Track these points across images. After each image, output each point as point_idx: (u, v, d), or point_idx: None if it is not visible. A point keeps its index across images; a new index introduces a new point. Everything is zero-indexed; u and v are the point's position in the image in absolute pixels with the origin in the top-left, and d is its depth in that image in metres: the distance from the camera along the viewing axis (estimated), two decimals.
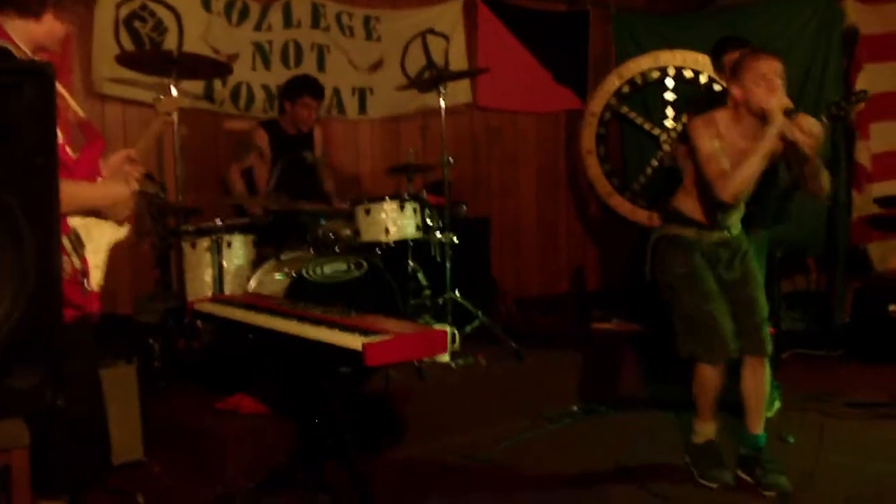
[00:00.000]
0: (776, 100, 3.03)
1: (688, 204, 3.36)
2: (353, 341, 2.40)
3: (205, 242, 4.12)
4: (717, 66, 4.03)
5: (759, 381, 3.31)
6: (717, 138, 3.15)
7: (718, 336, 3.23)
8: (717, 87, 5.09)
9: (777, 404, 4.05)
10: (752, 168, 3.06)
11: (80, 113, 2.49)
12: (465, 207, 4.96)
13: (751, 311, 3.28)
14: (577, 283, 6.64)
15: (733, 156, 3.12)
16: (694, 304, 3.28)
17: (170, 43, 4.87)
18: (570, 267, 6.68)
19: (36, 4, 2.28)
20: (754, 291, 3.32)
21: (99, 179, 2.46)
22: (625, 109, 6.09)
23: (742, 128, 3.18)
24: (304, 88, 4.83)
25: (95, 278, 2.41)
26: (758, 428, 3.34)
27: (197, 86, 4.96)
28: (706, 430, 3.42)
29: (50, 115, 1.48)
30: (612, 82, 6.08)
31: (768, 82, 3.07)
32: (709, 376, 3.30)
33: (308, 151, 4.74)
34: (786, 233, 4.10)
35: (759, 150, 3.05)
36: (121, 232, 2.51)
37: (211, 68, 4.65)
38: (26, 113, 1.44)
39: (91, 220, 2.41)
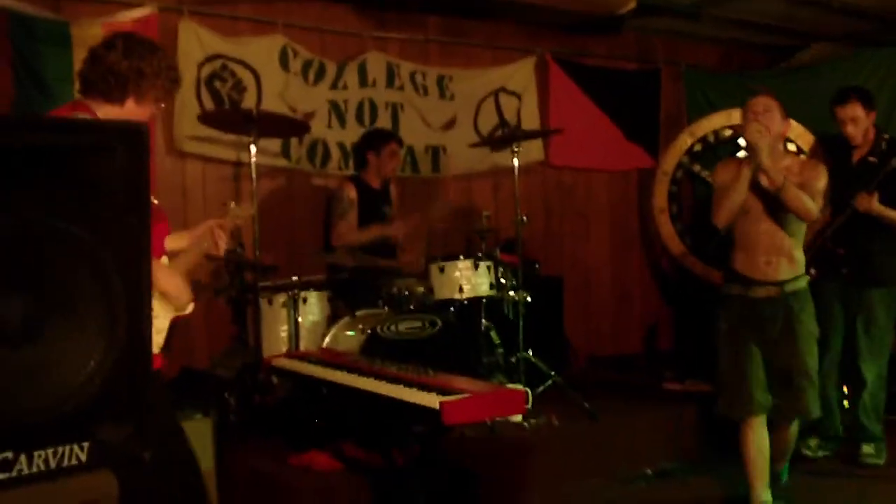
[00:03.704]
0: (751, 127, 3.21)
1: (736, 259, 3.41)
2: (431, 400, 2.38)
3: (281, 298, 4.17)
4: (832, 116, 4.10)
5: (785, 437, 3.33)
6: (731, 177, 3.31)
7: (742, 392, 3.25)
8: (790, 147, 5.00)
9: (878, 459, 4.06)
10: (733, 195, 3.26)
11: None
12: (538, 266, 4.96)
13: (787, 376, 3.27)
14: (650, 342, 6.51)
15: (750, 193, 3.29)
16: (727, 361, 3.35)
17: (249, 102, 4.98)
18: (643, 325, 6.57)
19: (118, 92, 2.37)
20: (796, 355, 3.29)
21: (163, 259, 2.53)
22: (697, 168, 6.01)
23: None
24: (389, 136, 4.92)
25: (157, 342, 2.43)
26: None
27: (274, 143, 5.04)
28: (757, 494, 3.36)
29: (144, 175, 1.49)
30: (684, 140, 6.03)
31: (752, 115, 3.28)
32: (743, 434, 3.32)
33: (389, 206, 4.82)
34: None
35: (740, 176, 3.23)
36: (183, 310, 2.54)
37: (288, 126, 4.74)
38: (120, 172, 1.45)
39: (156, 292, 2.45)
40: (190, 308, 2.56)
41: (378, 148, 4.85)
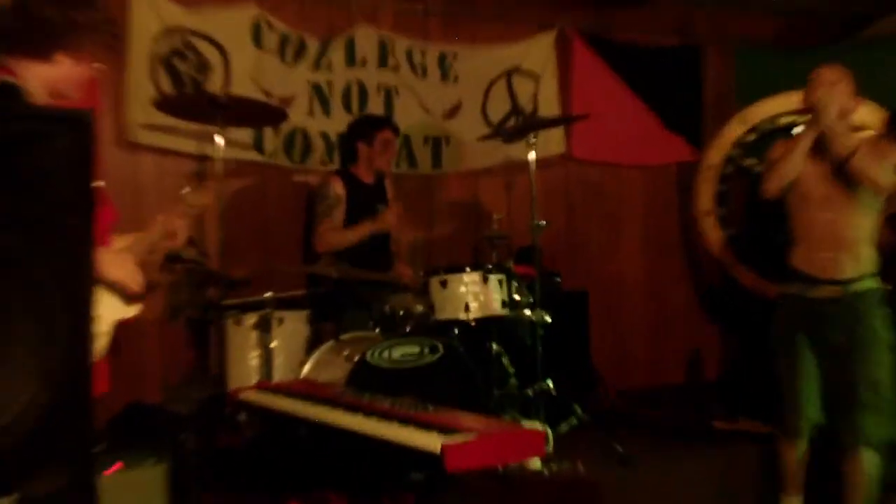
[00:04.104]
0: (819, 91, 3.40)
1: (795, 254, 3.51)
2: (431, 441, 2.34)
3: (251, 318, 4.17)
4: None
5: (853, 470, 3.32)
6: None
7: (791, 408, 3.40)
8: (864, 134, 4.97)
9: None
10: (790, 158, 3.40)
11: None
12: (559, 279, 5.02)
13: (847, 389, 3.32)
14: (694, 371, 6.52)
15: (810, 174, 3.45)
16: (781, 370, 3.48)
17: (214, 84, 5.00)
18: (685, 351, 6.58)
19: (44, 44, 2.34)
20: (861, 365, 3.33)
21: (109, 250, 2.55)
22: (749, 162, 6.01)
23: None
24: (383, 122, 4.95)
25: (96, 348, 2.42)
26: None
27: (245, 134, 5.07)
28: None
29: (87, 170, 1.47)
30: (734, 129, 6.03)
31: (820, 83, 3.45)
32: (781, 448, 3.50)
33: (383, 203, 4.84)
34: None
35: (798, 140, 3.37)
36: (129, 311, 2.57)
37: (262, 113, 4.73)
38: (59, 167, 1.44)
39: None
40: (137, 309, 2.60)
41: (369, 136, 4.87)
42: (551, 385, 4.48)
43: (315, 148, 5.35)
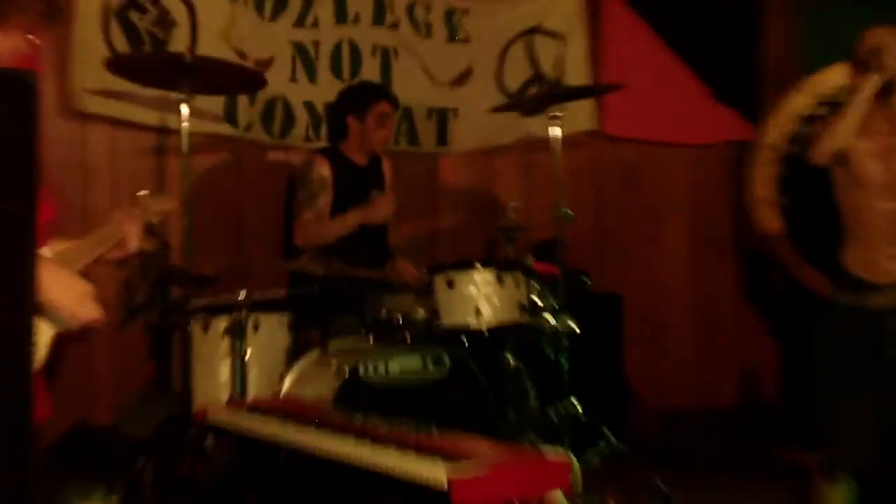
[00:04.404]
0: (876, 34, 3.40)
1: (848, 254, 3.48)
2: (435, 472, 2.33)
3: (222, 323, 4.13)
4: None
5: None
6: None
7: (839, 442, 3.38)
8: None
9: None
10: (848, 114, 3.39)
11: None
12: (587, 280, 5.02)
13: None
14: (750, 392, 6.51)
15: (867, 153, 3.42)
16: (829, 396, 3.48)
17: (179, 43, 5.00)
18: (738, 367, 6.57)
19: None
20: None
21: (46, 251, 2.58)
22: None
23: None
24: (378, 91, 4.94)
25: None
26: None
27: (216, 102, 5.06)
28: None
29: (29, 143, 1.47)
30: (799, 101, 6.02)
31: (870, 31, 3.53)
32: (822, 491, 3.45)
33: (379, 191, 4.83)
34: None
35: (859, 87, 3.37)
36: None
37: (235, 78, 4.69)
38: None
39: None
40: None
41: (361, 109, 4.87)
42: (578, 406, 4.48)
43: (298, 120, 5.37)
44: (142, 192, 3.12)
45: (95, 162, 4.93)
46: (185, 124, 4.18)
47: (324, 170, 4.80)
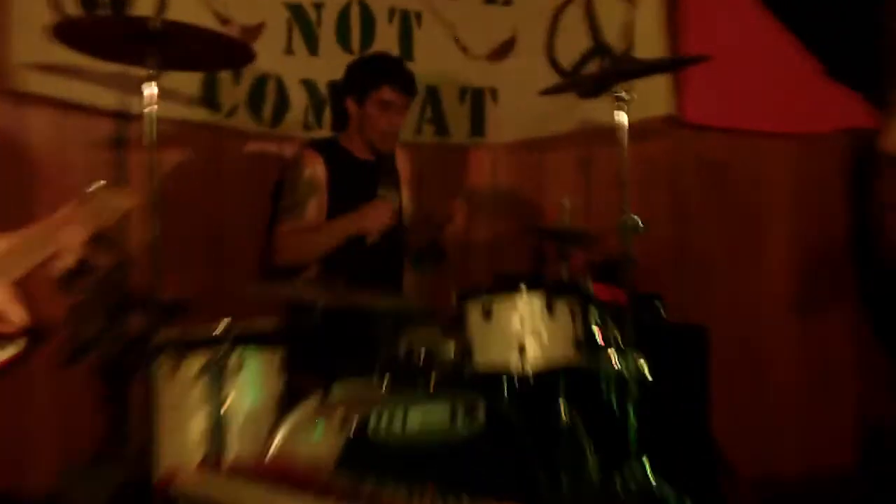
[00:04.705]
0: None
1: None
2: None
3: (196, 362, 4.04)
4: None
5: None
6: None
7: None
8: None
9: None
10: None
11: None
12: (662, 306, 5.02)
13: None
14: (874, 455, 6.39)
15: None
16: None
17: (144, 6, 5.00)
18: (860, 423, 6.49)
19: None
20: None
21: None
22: None
23: None
24: (382, 70, 4.90)
25: None
26: None
27: (190, 81, 5.07)
28: None
29: None
30: None
31: None
32: None
33: (389, 189, 4.77)
34: None
35: None
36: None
37: (215, 50, 4.63)
38: None
39: None
40: (17, 348, 2.63)
41: (361, 91, 4.86)
42: (649, 471, 4.45)
43: (294, 104, 5.38)
44: (96, 184, 3.09)
45: (39, 153, 4.91)
46: (150, 108, 4.17)
47: (316, 168, 4.83)
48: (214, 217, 5.25)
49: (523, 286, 4.27)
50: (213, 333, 4.05)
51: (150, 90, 4.14)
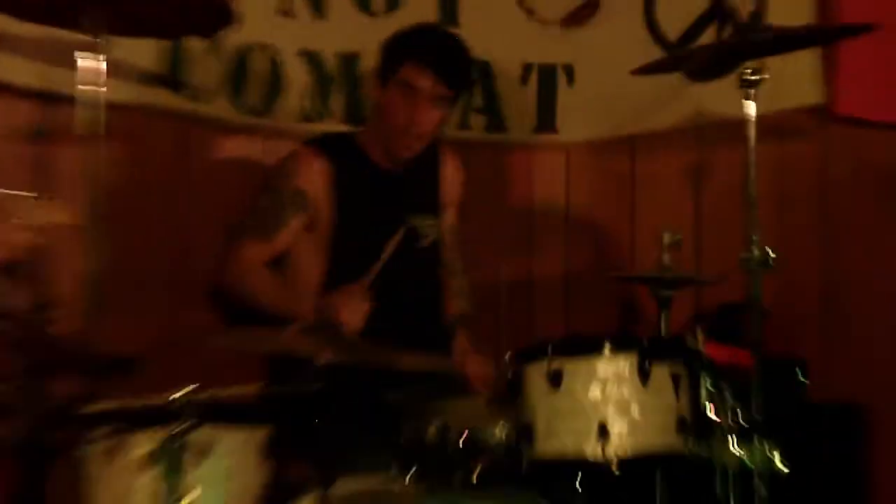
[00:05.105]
0: None
1: None
2: None
3: (142, 444, 3.94)
4: None
5: None
6: None
7: None
8: None
9: None
10: None
11: None
12: (804, 376, 4.93)
13: None
14: None
15: None
16: None
17: None
18: None
19: None
20: None
21: None
22: None
23: None
24: (412, 43, 4.81)
25: None
26: None
27: (147, 51, 5.06)
28: None
29: None
30: None
31: None
32: None
33: (426, 218, 4.80)
34: None
35: None
36: None
37: (181, 11, 4.59)
38: None
39: None
40: None
41: (385, 68, 4.77)
42: None
43: (292, 84, 5.40)
44: (16, 193, 3.15)
45: None
46: (90, 88, 4.15)
47: (312, 176, 4.73)
48: (177, 240, 5.23)
49: (607, 344, 4.09)
50: (170, 403, 3.90)
51: (91, 63, 4.10)
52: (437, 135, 4.91)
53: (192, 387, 3.84)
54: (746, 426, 4.30)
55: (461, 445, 4.06)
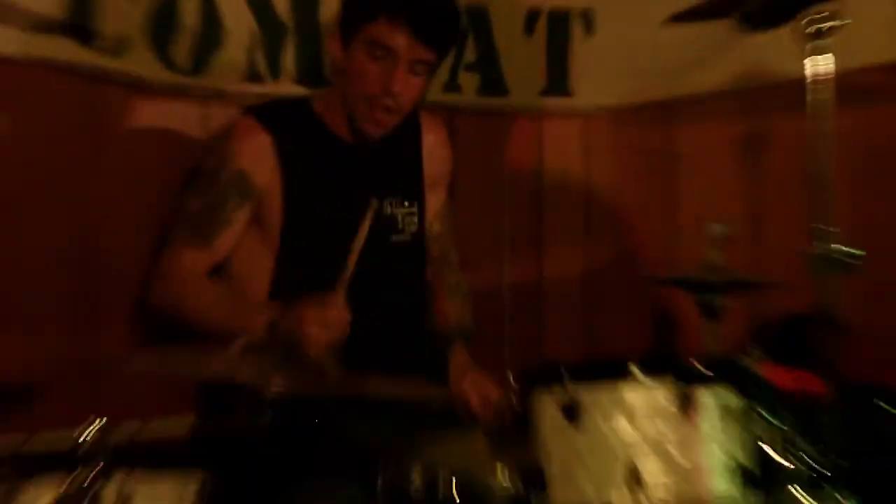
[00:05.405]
0: None
1: None
2: None
3: (40, 494, 3.84)
4: None
5: None
6: None
7: None
8: None
9: None
10: None
11: None
12: (890, 406, 4.88)
13: None
14: None
15: None
16: None
17: None
18: None
19: None
20: None
21: None
22: None
23: None
24: None
25: None
26: None
27: None
28: None
29: None
30: None
31: None
32: None
33: (396, 198, 4.84)
34: None
35: None
36: None
37: None
38: None
39: None
40: None
41: (348, 22, 4.68)
42: None
43: (231, 36, 5.39)
44: None
45: None
46: None
47: (256, 154, 4.65)
48: (84, 235, 5.13)
49: (635, 369, 4.01)
50: (76, 444, 3.83)
51: None
52: (417, 102, 4.78)
53: (101, 422, 3.76)
54: (817, 472, 4.20)
55: (454, 495, 3.98)
